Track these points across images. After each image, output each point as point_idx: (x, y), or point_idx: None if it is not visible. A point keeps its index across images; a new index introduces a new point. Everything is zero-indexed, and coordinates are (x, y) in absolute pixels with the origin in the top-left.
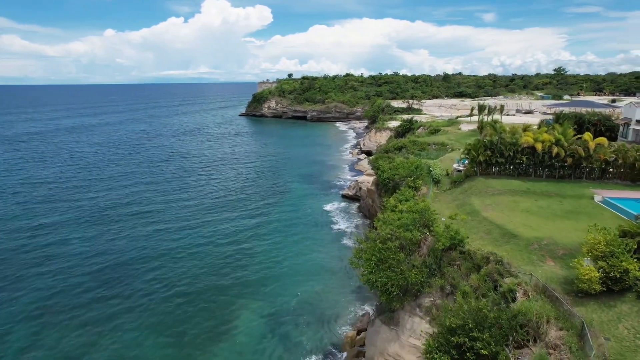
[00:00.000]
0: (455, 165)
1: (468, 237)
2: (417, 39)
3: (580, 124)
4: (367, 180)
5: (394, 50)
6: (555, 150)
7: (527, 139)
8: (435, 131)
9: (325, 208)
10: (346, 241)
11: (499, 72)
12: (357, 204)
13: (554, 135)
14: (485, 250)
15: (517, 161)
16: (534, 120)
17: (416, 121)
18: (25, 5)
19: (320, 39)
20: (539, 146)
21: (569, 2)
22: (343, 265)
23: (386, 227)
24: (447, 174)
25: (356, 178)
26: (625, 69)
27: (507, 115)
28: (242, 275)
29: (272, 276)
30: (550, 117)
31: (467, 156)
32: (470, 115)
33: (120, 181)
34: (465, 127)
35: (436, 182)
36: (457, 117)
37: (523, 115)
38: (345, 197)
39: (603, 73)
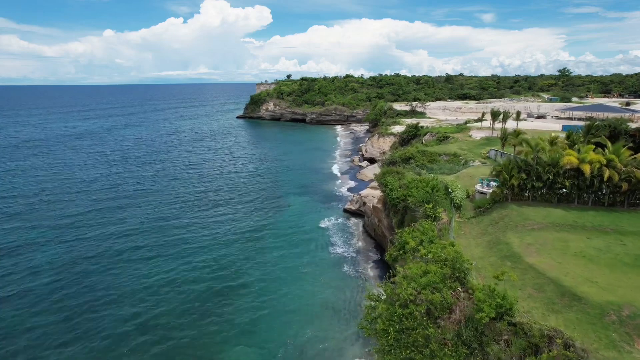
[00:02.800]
0: (478, 187)
1: (517, 301)
2: (416, 39)
3: (616, 134)
4: (371, 194)
5: (393, 51)
6: (607, 173)
7: (570, 159)
8: (443, 138)
9: (325, 226)
10: (349, 269)
11: (499, 72)
12: (360, 221)
13: (604, 154)
14: (545, 325)
15: (559, 186)
16: (548, 125)
17: (422, 127)
18: (24, 6)
19: (320, 39)
20: (586, 168)
21: (567, 2)
22: (346, 300)
23: (407, 285)
24: (468, 196)
25: (359, 187)
26: (624, 69)
27: (518, 120)
28: (228, 314)
29: (262, 316)
30: (570, 122)
31: (496, 178)
32: (481, 120)
33: (102, 195)
34: (476, 134)
35: (457, 207)
36: (466, 122)
37: (535, 119)
38: (348, 212)
39: (602, 73)
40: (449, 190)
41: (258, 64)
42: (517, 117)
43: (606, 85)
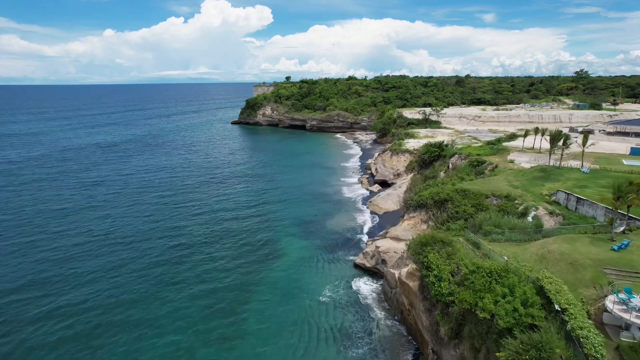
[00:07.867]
0: (611, 304)
1: None
2: (416, 39)
3: None
4: (392, 249)
5: (393, 51)
6: None
7: None
8: (477, 163)
9: (330, 297)
10: None
11: (499, 72)
12: (378, 285)
13: None
14: None
15: None
16: (606, 145)
17: (447, 146)
18: (24, 5)
19: (320, 39)
20: None
21: (568, 2)
22: None
23: None
24: (589, 316)
25: (371, 224)
26: (625, 69)
27: (585, 146)
28: None
29: None
30: (629, 139)
31: None
32: (524, 136)
33: (62, 239)
34: (519, 158)
35: (586, 355)
36: (499, 139)
37: (580, 134)
38: (360, 269)
39: (602, 74)
40: (557, 307)
41: (258, 64)
42: (584, 143)
43: (633, 88)
